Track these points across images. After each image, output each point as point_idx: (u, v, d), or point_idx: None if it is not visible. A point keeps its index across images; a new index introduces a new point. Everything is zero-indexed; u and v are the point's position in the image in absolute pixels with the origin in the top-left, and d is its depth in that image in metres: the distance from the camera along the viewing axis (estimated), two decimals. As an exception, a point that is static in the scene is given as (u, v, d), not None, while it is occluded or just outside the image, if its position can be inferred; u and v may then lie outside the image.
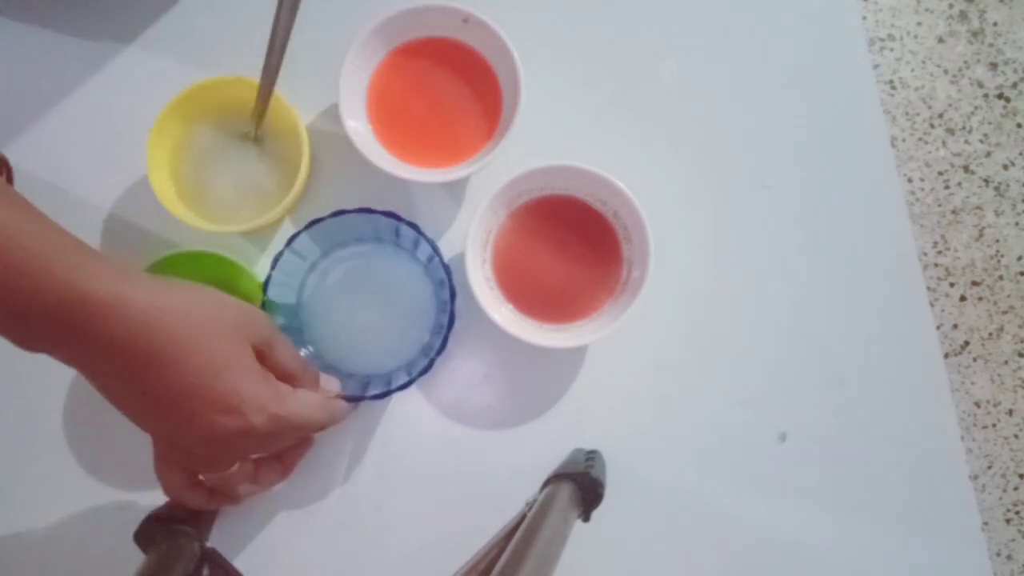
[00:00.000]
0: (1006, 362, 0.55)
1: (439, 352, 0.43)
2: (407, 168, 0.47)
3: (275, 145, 0.49)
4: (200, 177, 0.48)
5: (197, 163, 0.48)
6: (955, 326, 0.55)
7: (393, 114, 0.49)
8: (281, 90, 0.47)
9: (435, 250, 0.44)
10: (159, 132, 0.46)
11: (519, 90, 0.46)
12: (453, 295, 0.44)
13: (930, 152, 0.56)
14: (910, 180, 0.56)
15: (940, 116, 0.56)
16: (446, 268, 0.44)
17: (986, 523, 0.53)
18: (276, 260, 0.43)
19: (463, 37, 0.48)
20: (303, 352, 0.46)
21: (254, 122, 0.47)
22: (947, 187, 0.55)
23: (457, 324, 0.44)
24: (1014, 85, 0.56)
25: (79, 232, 0.49)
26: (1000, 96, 0.56)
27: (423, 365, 0.43)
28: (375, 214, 0.43)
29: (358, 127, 0.47)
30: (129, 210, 0.50)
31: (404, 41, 0.48)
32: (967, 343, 0.55)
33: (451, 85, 0.49)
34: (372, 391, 0.44)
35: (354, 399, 0.43)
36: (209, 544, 0.43)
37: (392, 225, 0.45)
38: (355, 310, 0.49)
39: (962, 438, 0.53)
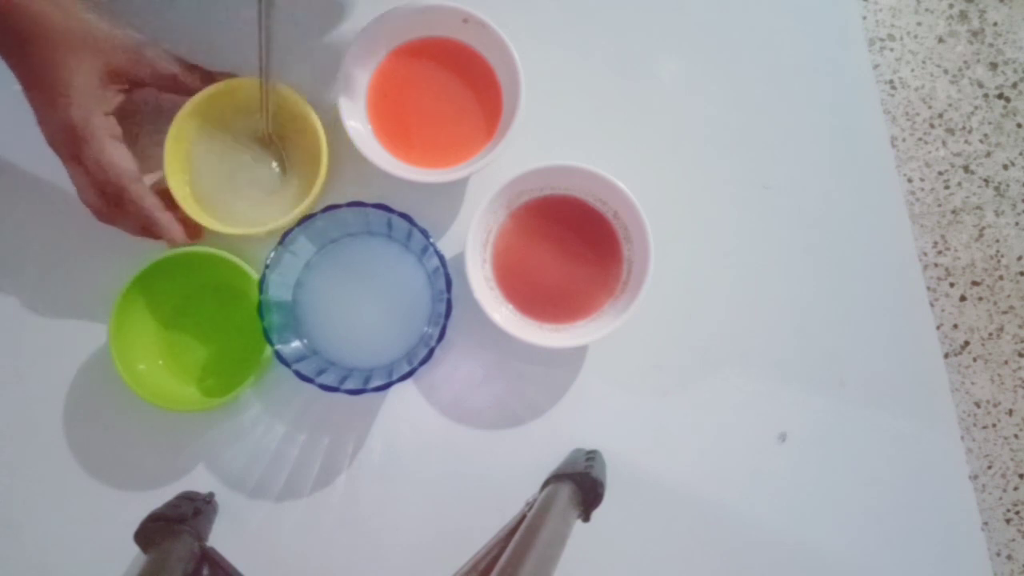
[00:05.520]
0: (1006, 362, 0.55)
1: (438, 341, 0.43)
2: (407, 168, 0.47)
3: (294, 148, 0.49)
4: (218, 182, 0.49)
5: (214, 168, 0.49)
6: (955, 326, 0.55)
7: (393, 114, 0.49)
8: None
9: (428, 240, 0.44)
10: (176, 137, 0.46)
11: (519, 90, 0.46)
12: (449, 283, 0.44)
13: (930, 152, 0.56)
14: (910, 180, 0.56)
15: (940, 116, 0.56)
16: (440, 257, 0.44)
17: (986, 523, 0.53)
18: (270, 259, 0.43)
19: (463, 37, 0.48)
20: (296, 344, 0.46)
21: (263, 119, 0.47)
22: (947, 187, 0.55)
23: (457, 322, 0.44)
24: (1014, 85, 0.56)
25: (84, 231, 0.49)
26: (1000, 96, 0.56)
27: (423, 355, 0.43)
28: (366, 207, 0.43)
29: (358, 127, 0.47)
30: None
31: (404, 41, 0.48)
32: (967, 343, 0.55)
33: (451, 85, 0.49)
34: (374, 383, 0.44)
35: (356, 392, 0.43)
36: (209, 544, 0.43)
37: (384, 218, 0.45)
38: (351, 304, 0.49)
39: (962, 438, 0.53)
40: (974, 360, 0.55)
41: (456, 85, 0.49)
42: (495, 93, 0.48)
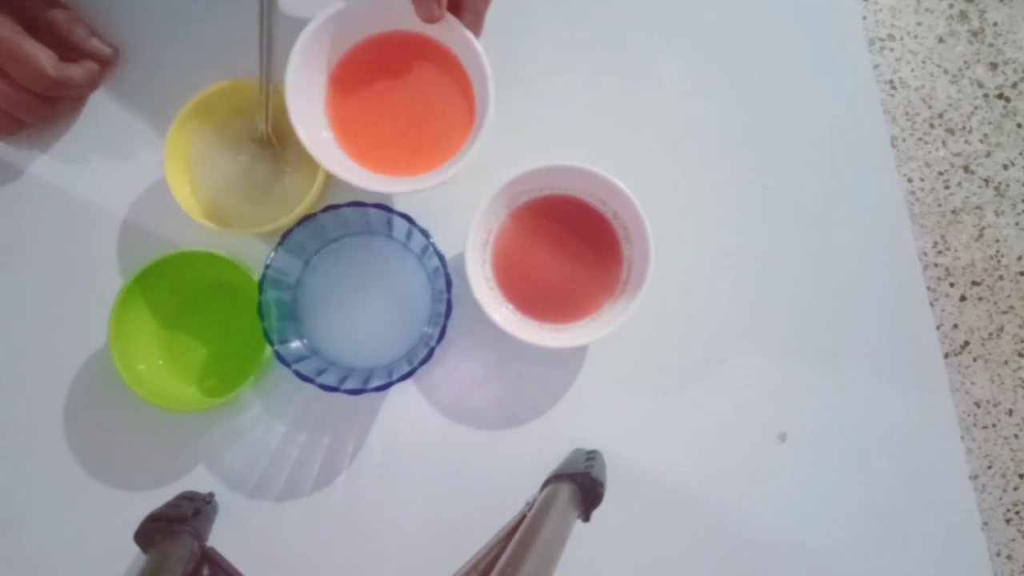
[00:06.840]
0: (1006, 362, 0.55)
1: (438, 341, 0.43)
2: (376, 179, 0.44)
3: (294, 148, 0.49)
4: (218, 182, 0.49)
5: (214, 168, 0.49)
6: (955, 326, 0.55)
7: (358, 118, 0.45)
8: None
9: (428, 239, 0.44)
10: (176, 137, 0.46)
11: (488, 86, 0.42)
12: (449, 283, 0.44)
13: (930, 152, 0.56)
14: (910, 180, 0.56)
15: (940, 116, 0.56)
16: (440, 257, 0.44)
17: (986, 523, 0.53)
18: (271, 259, 0.43)
19: (425, 29, 0.44)
20: (296, 344, 0.46)
21: (262, 120, 0.47)
22: (947, 187, 0.55)
23: (457, 322, 0.44)
24: (1014, 85, 0.56)
25: (84, 231, 0.49)
26: (1000, 96, 0.56)
27: (423, 355, 0.43)
28: (366, 207, 0.43)
29: (323, 135, 0.43)
30: (135, 214, 0.50)
31: (364, 37, 0.44)
32: (967, 343, 0.55)
33: (418, 81, 0.45)
34: (374, 383, 0.44)
35: (356, 392, 0.43)
36: (209, 544, 0.43)
37: (384, 217, 0.45)
38: (351, 304, 0.49)
39: (962, 438, 0.52)
40: (974, 360, 0.55)
41: (423, 81, 0.45)
42: (467, 89, 0.44)
